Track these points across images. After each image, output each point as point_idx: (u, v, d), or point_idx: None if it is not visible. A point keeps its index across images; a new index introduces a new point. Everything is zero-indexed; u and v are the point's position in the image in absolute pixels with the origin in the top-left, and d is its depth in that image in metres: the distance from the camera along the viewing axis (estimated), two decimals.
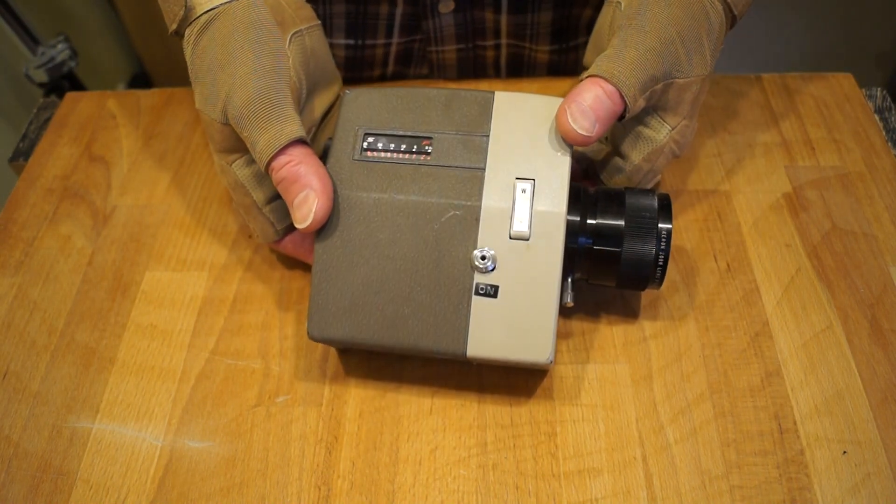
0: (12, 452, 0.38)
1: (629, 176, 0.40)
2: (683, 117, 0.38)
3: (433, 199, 0.35)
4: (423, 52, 0.53)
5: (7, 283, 0.44)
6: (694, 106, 0.38)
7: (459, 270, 0.35)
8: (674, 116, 0.38)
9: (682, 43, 0.36)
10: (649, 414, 0.38)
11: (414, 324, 0.35)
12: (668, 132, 0.38)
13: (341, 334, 0.36)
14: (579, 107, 0.35)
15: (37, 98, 0.76)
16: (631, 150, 0.39)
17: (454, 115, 0.37)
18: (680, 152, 0.40)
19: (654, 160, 0.39)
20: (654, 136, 0.38)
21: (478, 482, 0.36)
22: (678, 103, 0.38)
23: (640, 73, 0.35)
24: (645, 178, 0.40)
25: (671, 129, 0.38)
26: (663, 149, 0.39)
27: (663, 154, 0.39)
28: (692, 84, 0.37)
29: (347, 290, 0.36)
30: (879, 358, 0.39)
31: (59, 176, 0.50)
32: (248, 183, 0.38)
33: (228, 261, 0.45)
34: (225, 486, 0.36)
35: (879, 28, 1.13)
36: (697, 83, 0.37)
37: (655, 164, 0.39)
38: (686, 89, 0.37)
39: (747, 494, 0.35)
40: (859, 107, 0.51)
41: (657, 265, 0.36)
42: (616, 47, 0.36)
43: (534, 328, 0.34)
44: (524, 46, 0.54)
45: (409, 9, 0.50)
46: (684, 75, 0.37)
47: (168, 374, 0.40)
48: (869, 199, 0.45)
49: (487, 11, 0.51)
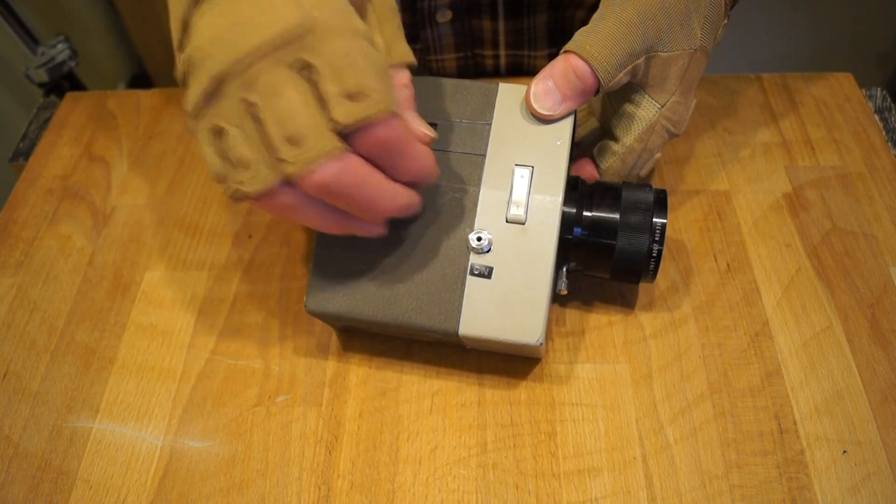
0: (12, 452, 0.38)
1: (622, 158, 0.39)
2: (672, 94, 0.37)
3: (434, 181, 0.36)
4: (423, 62, 0.53)
5: (7, 283, 0.44)
6: (685, 81, 0.37)
7: (456, 251, 0.36)
8: (661, 93, 0.37)
9: (664, 15, 0.35)
10: (649, 414, 0.38)
11: (409, 301, 0.36)
12: (657, 110, 0.37)
13: (338, 309, 0.36)
14: (544, 86, 0.35)
15: (37, 98, 0.76)
16: (621, 131, 0.39)
17: (459, 104, 0.38)
18: (676, 130, 0.39)
19: (646, 139, 0.38)
20: (644, 114, 0.38)
21: (478, 482, 0.36)
22: (664, 79, 0.37)
23: (615, 47, 0.35)
24: (640, 159, 0.39)
25: (660, 107, 0.37)
26: (654, 127, 0.38)
27: (655, 133, 0.38)
28: (678, 58, 0.36)
29: (347, 266, 0.36)
30: (879, 358, 0.39)
31: (59, 176, 0.50)
32: None
33: (228, 261, 0.45)
34: (225, 486, 0.36)
35: (879, 28, 1.13)
36: (684, 57, 0.36)
37: (648, 143, 0.38)
38: (671, 63, 0.36)
39: (747, 494, 0.35)
40: (859, 107, 0.51)
41: (650, 258, 0.37)
42: (594, 21, 0.36)
43: (526, 310, 0.35)
44: (523, 55, 0.54)
45: (408, 18, 0.50)
46: (667, 49, 0.36)
47: (168, 374, 0.40)
48: (869, 199, 0.45)
49: (485, 19, 0.51)
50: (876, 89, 0.52)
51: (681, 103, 0.38)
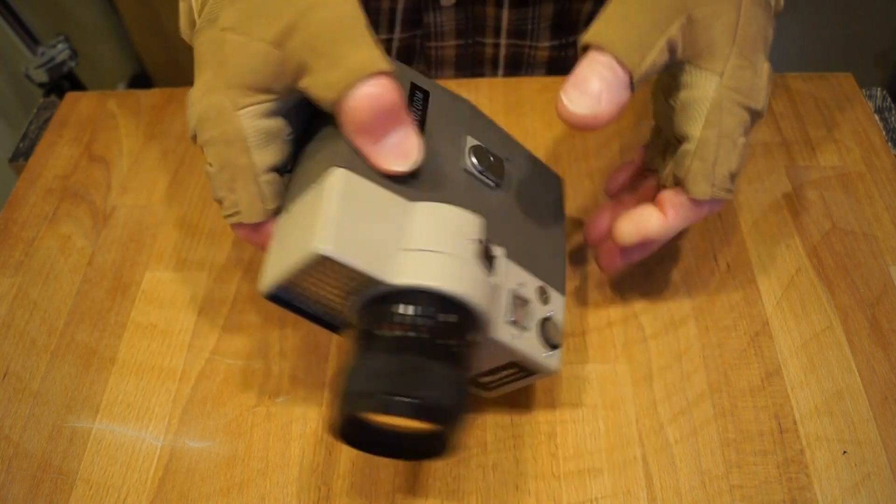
0: (12, 452, 0.38)
1: (699, 155, 0.32)
2: (728, 57, 0.31)
3: None
4: (422, 48, 0.53)
5: (7, 283, 0.44)
6: (739, 39, 0.31)
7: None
8: (713, 59, 0.31)
9: None
10: (649, 414, 0.38)
11: None
12: (716, 82, 0.31)
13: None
14: (576, 88, 0.30)
15: (37, 98, 0.76)
16: (687, 124, 0.32)
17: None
18: (754, 104, 0.32)
19: (718, 122, 0.31)
20: (702, 93, 0.31)
21: (478, 482, 0.36)
22: (711, 42, 0.31)
23: (637, 27, 0.30)
24: (720, 149, 0.32)
25: (719, 77, 0.31)
26: (721, 104, 0.31)
27: (725, 111, 0.31)
28: (719, 14, 0.30)
29: None
30: (879, 358, 0.39)
31: (59, 176, 0.50)
32: (253, 138, 0.31)
33: (228, 261, 0.45)
34: (225, 486, 0.36)
35: (879, 28, 1.13)
36: (729, 12, 0.30)
37: (723, 126, 0.31)
38: (712, 22, 0.30)
39: (747, 494, 0.35)
40: (859, 107, 0.51)
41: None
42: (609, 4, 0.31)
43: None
44: (524, 45, 0.54)
45: (411, 2, 0.50)
46: (702, 4, 0.30)
47: (168, 374, 0.40)
48: (869, 199, 0.45)
49: (489, 5, 0.51)
50: (876, 89, 0.52)
51: (744, 67, 0.31)
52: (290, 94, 0.31)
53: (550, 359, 0.33)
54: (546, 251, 0.36)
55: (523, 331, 0.33)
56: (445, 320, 0.29)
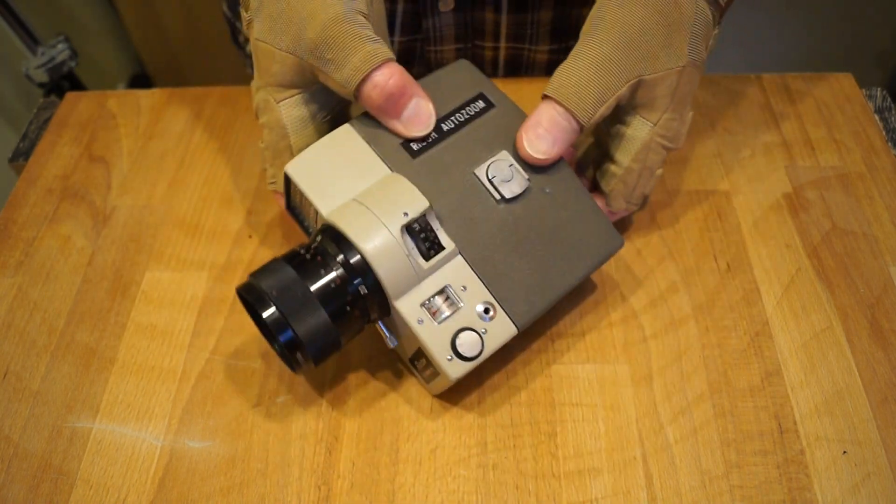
0: (12, 452, 0.38)
1: (623, 179, 0.39)
2: (664, 111, 0.37)
3: None
4: (422, 52, 0.53)
5: (7, 283, 0.44)
6: (676, 98, 0.37)
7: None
8: (652, 112, 0.37)
9: (644, 41, 0.35)
10: (649, 414, 0.38)
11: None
12: (649, 129, 0.37)
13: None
14: (535, 132, 0.36)
15: (37, 98, 0.76)
16: (618, 152, 0.39)
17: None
18: (674, 145, 0.39)
19: (644, 159, 0.38)
20: (637, 134, 0.38)
21: (478, 482, 0.36)
22: (653, 99, 0.37)
23: (592, 87, 0.35)
24: (641, 178, 0.39)
25: (653, 126, 0.37)
26: (650, 145, 0.38)
27: (652, 150, 0.38)
28: (664, 78, 0.36)
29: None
30: (879, 358, 0.39)
31: (59, 176, 0.50)
32: (291, 125, 0.37)
33: (228, 261, 0.45)
34: (225, 486, 0.36)
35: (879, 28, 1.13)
36: (672, 76, 0.36)
37: (647, 161, 0.39)
38: (658, 84, 0.36)
39: (747, 494, 0.35)
40: (859, 107, 0.51)
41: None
42: (572, 58, 0.36)
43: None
44: (523, 48, 0.54)
45: (410, 6, 0.50)
46: (651, 72, 0.36)
47: (168, 374, 0.40)
48: (869, 199, 0.45)
49: (488, 11, 0.51)
50: (876, 89, 0.52)
51: (674, 119, 0.38)
52: (316, 85, 0.37)
53: (451, 363, 0.34)
54: (531, 283, 0.36)
55: (433, 322, 0.34)
56: (345, 261, 0.34)
